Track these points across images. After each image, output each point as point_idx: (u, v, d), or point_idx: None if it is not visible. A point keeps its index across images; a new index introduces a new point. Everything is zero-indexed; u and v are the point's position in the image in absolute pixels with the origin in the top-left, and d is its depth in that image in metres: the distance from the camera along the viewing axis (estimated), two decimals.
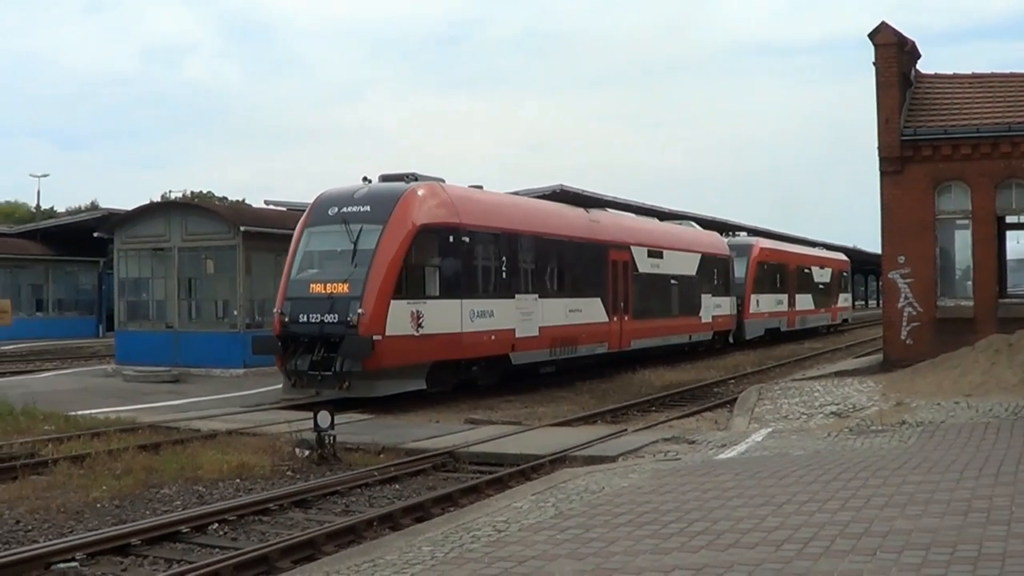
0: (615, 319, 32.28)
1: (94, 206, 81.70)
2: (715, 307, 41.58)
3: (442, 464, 15.89)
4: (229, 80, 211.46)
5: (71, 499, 13.10)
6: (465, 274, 24.87)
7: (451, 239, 24.28)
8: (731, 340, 44.60)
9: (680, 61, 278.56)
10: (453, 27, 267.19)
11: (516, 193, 33.57)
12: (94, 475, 14.38)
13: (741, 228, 55.56)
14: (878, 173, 26.50)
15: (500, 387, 26.23)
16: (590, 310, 30.73)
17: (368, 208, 23.63)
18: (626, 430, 18.63)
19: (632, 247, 34.06)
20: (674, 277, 37.47)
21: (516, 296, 26.71)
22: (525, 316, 26.92)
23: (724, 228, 51.90)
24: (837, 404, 20.24)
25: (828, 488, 10.38)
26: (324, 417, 15.85)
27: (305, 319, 22.88)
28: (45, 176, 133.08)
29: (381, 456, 16.22)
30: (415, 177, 24.71)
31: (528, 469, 14.87)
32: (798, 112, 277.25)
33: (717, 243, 44.35)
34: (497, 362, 26.26)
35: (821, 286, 59.41)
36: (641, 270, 34.51)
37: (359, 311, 22.14)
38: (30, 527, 11.87)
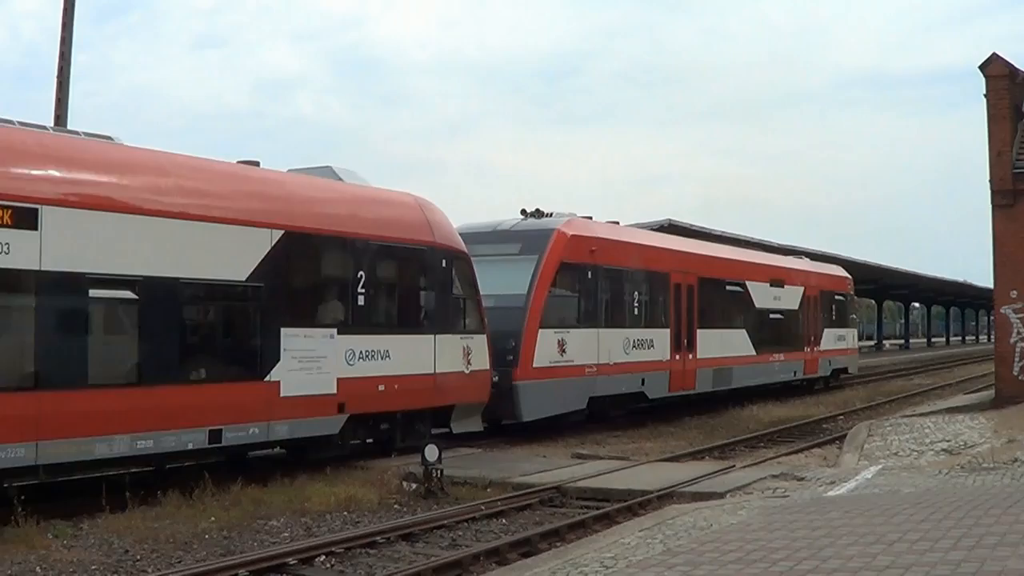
0: None
1: None
2: (361, 359, 18.03)
3: (549, 499, 15.91)
4: (338, 115, 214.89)
5: (179, 529, 13.23)
6: None
7: None
8: (451, 429, 20.57)
9: (790, 94, 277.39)
10: (562, 62, 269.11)
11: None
12: (203, 506, 14.48)
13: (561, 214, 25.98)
14: (990, 207, 26.12)
15: (607, 422, 26.13)
16: None
17: None
18: (734, 466, 18.53)
19: None
20: (148, 287, 14.68)
21: None
22: None
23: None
24: (948, 441, 19.92)
25: (939, 527, 10.26)
26: (432, 451, 16.01)
27: None
28: None
29: (488, 490, 16.26)
30: None
31: (635, 505, 14.88)
32: (908, 144, 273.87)
33: (392, 216, 19.68)
34: None
35: (775, 316, 35.28)
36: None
37: None
38: (139, 557, 12.05)
